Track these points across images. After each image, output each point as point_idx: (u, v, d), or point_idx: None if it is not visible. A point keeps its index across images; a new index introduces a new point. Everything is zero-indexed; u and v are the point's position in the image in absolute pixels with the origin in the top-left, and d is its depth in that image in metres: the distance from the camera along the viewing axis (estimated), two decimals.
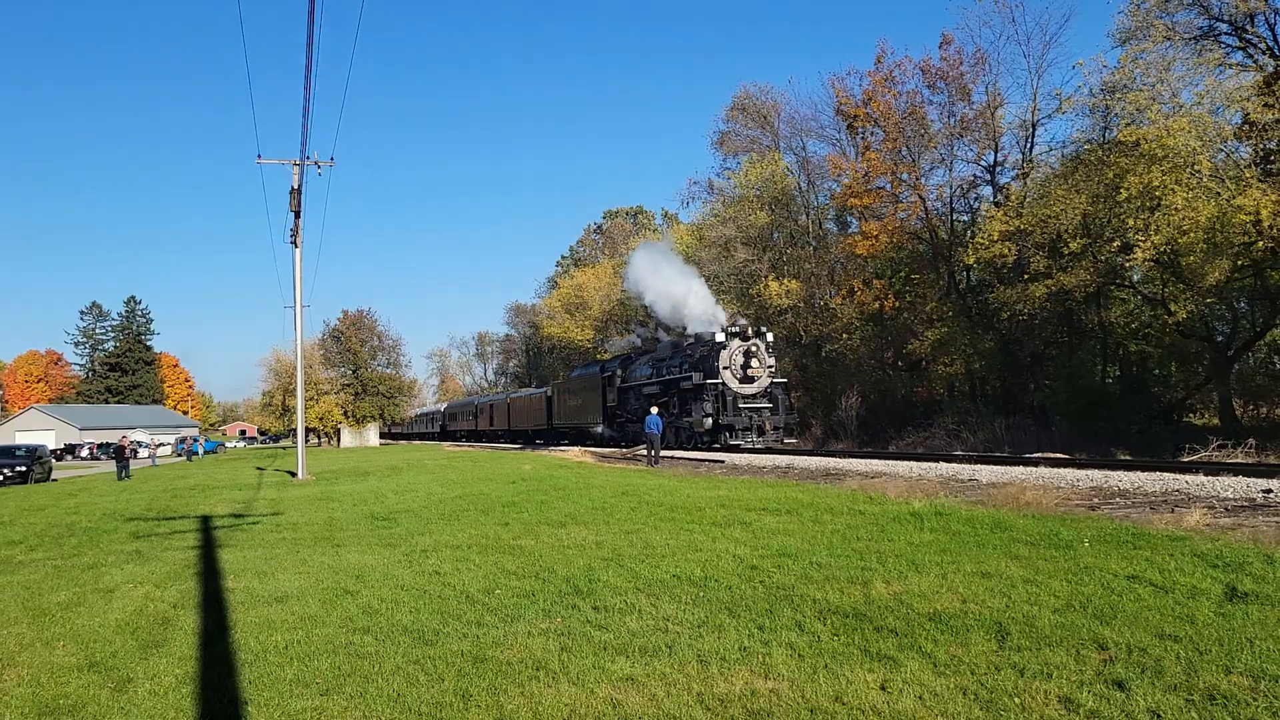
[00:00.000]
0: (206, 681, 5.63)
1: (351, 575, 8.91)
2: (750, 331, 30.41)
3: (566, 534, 10.86)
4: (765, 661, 5.43)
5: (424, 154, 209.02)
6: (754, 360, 29.74)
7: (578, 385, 44.99)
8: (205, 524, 14.49)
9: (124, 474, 34.69)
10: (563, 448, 42.71)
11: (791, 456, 24.33)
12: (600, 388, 40.73)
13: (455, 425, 79.53)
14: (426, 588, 8.11)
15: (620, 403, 38.58)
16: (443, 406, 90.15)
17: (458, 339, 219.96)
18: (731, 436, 29.09)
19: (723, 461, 23.89)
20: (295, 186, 28.79)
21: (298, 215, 29.43)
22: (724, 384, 29.59)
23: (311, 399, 70.54)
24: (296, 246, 29.98)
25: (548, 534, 10.96)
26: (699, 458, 26.62)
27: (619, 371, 39.24)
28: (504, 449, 48.65)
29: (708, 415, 29.55)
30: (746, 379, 29.87)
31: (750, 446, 28.73)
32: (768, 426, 29.29)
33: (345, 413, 76.48)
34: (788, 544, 9.08)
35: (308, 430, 61.53)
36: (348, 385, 77.24)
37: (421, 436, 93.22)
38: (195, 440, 66.24)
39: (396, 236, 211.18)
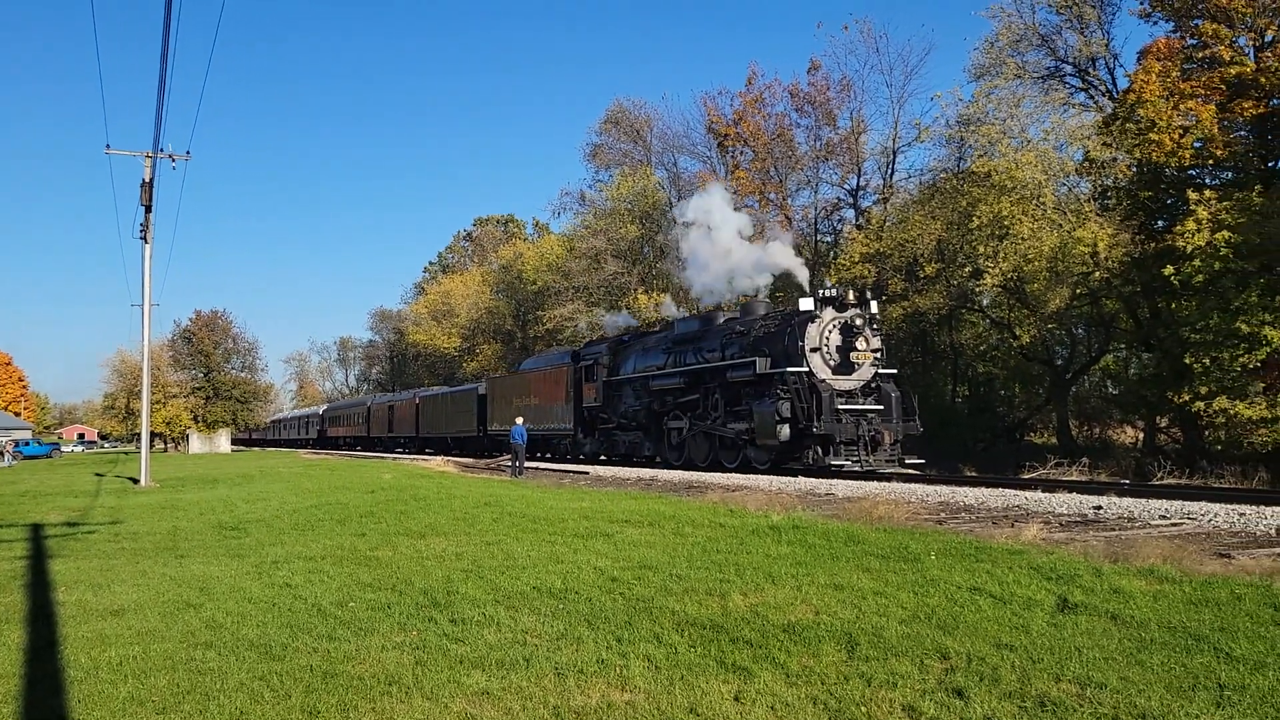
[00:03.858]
0: (30, 701, 5.29)
1: (195, 587, 8.53)
2: (851, 297, 21.25)
3: (426, 545, 10.66)
4: (622, 674, 5.45)
5: (288, 153, 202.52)
6: (858, 340, 20.65)
7: (532, 380, 34.59)
8: (35, 533, 13.63)
9: None
10: (442, 458, 41.52)
11: (655, 470, 24.42)
12: (572, 382, 30.68)
13: (339, 430, 70.09)
14: (276, 600, 7.82)
15: (607, 402, 28.62)
16: (321, 409, 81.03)
17: (318, 343, 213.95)
18: (829, 453, 19.66)
19: (588, 473, 23.88)
20: (147, 180, 27.49)
21: (149, 210, 28.09)
22: (811, 373, 20.36)
23: (159, 402, 67.35)
24: (147, 243, 28.59)
25: (406, 545, 10.73)
26: (564, 469, 26.30)
27: (604, 360, 28.94)
28: (367, 458, 47.32)
29: (783, 420, 20.04)
30: (844, 366, 20.74)
31: (859, 469, 19.57)
32: (886, 438, 20.00)
33: (195, 417, 73.28)
34: (649, 556, 9.13)
35: (153, 435, 58.73)
36: (199, 388, 74.06)
37: (292, 444, 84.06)
38: None
39: (256, 236, 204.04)
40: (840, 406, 19.92)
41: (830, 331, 20.77)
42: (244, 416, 76.46)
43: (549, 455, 33.97)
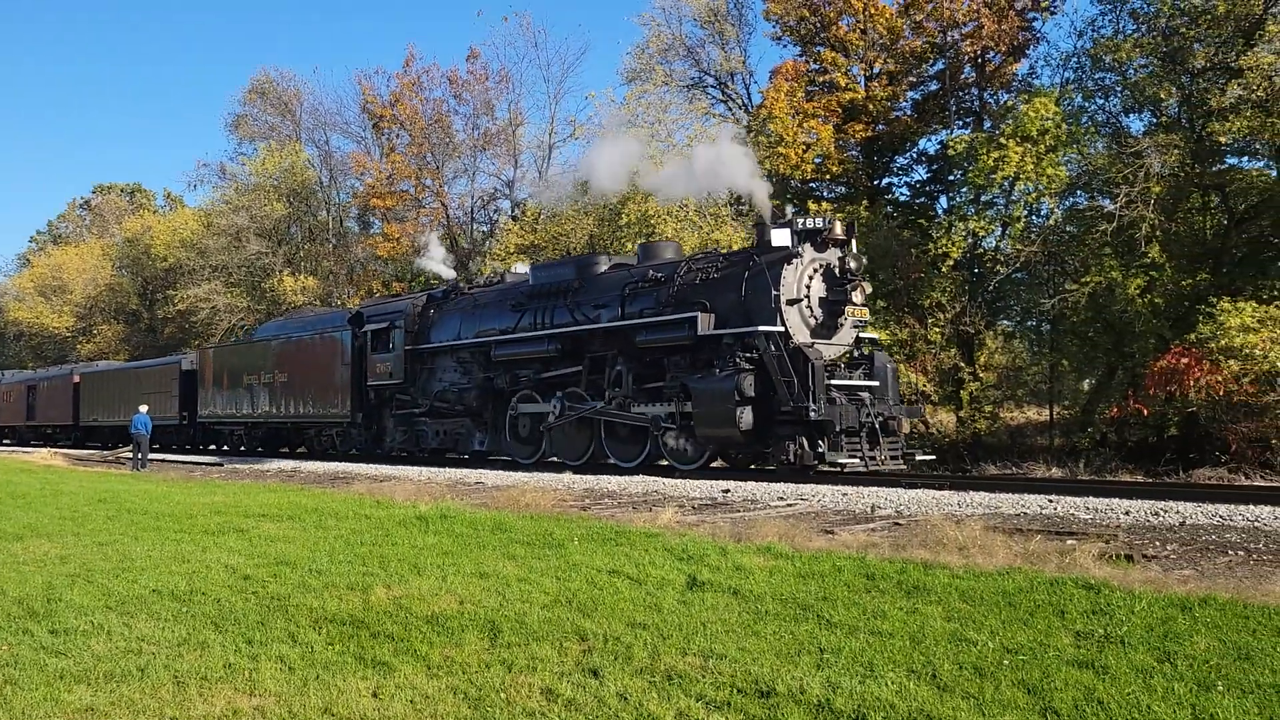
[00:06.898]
0: None
1: None
2: (838, 228, 15.39)
3: (23, 548, 9.47)
4: (252, 678, 5.13)
5: None
6: (853, 291, 15.25)
7: (279, 350, 25.78)
8: None
9: None
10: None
11: (297, 461, 23.28)
12: (350, 353, 22.88)
13: None
14: None
15: (411, 379, 21.57)
16: None
17: None
18: (825, 447, 14.08)
19: (222, 465, 22.37)
20: None
21: None
22: (788, 334, 14.67)
23: None
24: None
25: None
26: (194, 460, 24.44)
27: (406, 323, 21.62)
28: None
29: (744, 401, 14.35)
30: (827, 327, 15.29)
31: (865, 468, 14.25)
32: (905, 426, 15.40)
33: None
34: (287, 552, 8.70)
35: None
36: None
37: None
38: None
39: None
40: (831, 383, 14.62)
41: (811, 278, 15.16)
42: None
43: (305, 452, 26.36)
